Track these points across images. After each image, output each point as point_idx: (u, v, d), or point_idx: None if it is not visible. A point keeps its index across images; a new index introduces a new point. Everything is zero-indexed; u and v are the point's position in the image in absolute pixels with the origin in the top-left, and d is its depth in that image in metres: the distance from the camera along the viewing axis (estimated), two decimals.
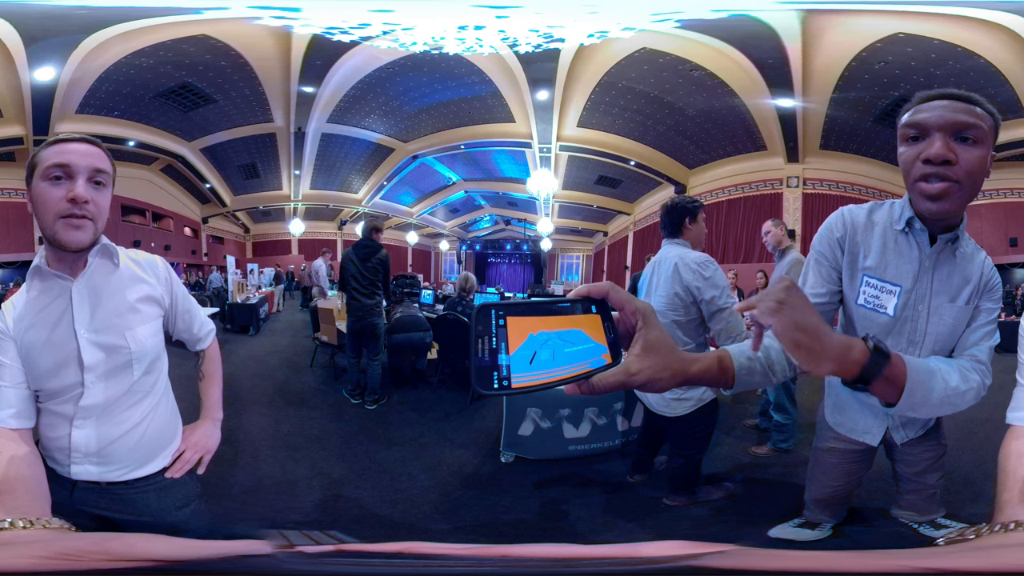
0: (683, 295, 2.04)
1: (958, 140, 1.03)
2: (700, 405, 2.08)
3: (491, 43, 2.80)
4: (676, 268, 2.06)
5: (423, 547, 0.64)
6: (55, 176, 1.06)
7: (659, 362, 0.64)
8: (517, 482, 2.56)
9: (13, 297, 1.16)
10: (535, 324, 0.53)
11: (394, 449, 2.88)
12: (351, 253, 3.05)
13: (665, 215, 2.22)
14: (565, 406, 2.65)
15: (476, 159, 3.67)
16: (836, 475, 1.41)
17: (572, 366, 0.55)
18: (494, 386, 0.50)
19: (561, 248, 3.97)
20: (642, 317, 0.64)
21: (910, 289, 1.17)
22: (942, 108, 1.04)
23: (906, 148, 1.09)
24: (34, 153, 1.11)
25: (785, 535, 1.51)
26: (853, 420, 1.35)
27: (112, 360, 1.12)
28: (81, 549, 0.66)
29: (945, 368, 1.02)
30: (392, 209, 3.86)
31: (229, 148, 3.33)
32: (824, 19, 2.77)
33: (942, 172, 1.03)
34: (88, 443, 1.13)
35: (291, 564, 0.63)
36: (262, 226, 3.71)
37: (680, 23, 2.71)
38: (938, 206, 1.05)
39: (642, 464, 2.47)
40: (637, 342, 0.64)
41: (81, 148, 1.09)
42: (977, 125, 1.03)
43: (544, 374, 0.53)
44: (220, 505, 2.24)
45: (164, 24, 2.67)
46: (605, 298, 0.61)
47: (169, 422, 1.27)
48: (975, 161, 1.03)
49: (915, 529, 1.39)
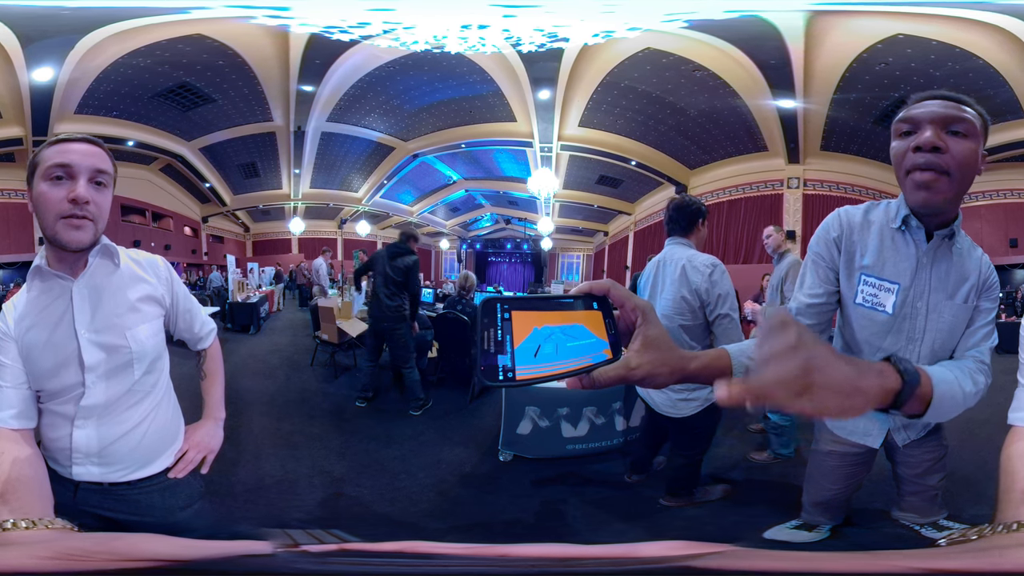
0: (690, 298, 2.01)
1: (948, 133, 1.04)
2: (707, 405, 2.05)
3: (494, 42, 2.79)
4: (684, 270, 2.02)
5: (424, 547, 0.64)
6: (56, 176, 1.06)
7: (658, 358, 0.65)
8: (515, 481, 2.57)
9: (14, 298, 1.16)
10: (539, 319, 0.55)
11: (394, 447, 2.88)
12: (384, 252, 3.06)
13: (675, 212, 2.14)
14: (563, 405, 2.65)
15: (477, 158, 3.66)
16: (835, 478, 1.40)
17: (575, 360, 0.56)
18: (499, 378, 0.51)
19: (561, 247, 3.97)
20: (642, 314, 0.65)
21: (908, 286, 1.17)
22: (933, 104, 1.06)
23: (898, 142, 1.10)
24: (35, 153, 1.11)
25: (781, 537, 1.50)
26: (853, 423, 1.34)
27: (113, 360, 1.12)
28: (85, 549, 0.66)
29: (958, 374, 1.02)
30: (392, 208, 3.86)
31: (228, 147, 3.32)
32: (829, 20, 2.77)
33: (932, 160, 1.03)
34: (89, 443, 1.13)
35: (293, 563, 0.63)
36: (262, 225, 3.70)
37: (689, 23, 2.70)
38: (929, 195, 1.05)
39: (641, 464, 2.47)
40: (637, 338, 0.65)
41: (82, 148, 1.08)
42: (967, 119, 1.04)
43: (548, 367, 0.54)
44: (223, 504, 2.26)
45: (158, 24, 2.66)
46: (606, 295, 0.63)
47: (171, 422, 1.26)
48: (965, 152, 1.03)
49: (916, 531, 1.38)
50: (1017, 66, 2.53)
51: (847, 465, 1.37)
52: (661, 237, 2.25)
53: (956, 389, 0.99)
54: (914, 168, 1.06)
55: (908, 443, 1.32)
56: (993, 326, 1.18)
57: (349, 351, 3.41)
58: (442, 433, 2.98)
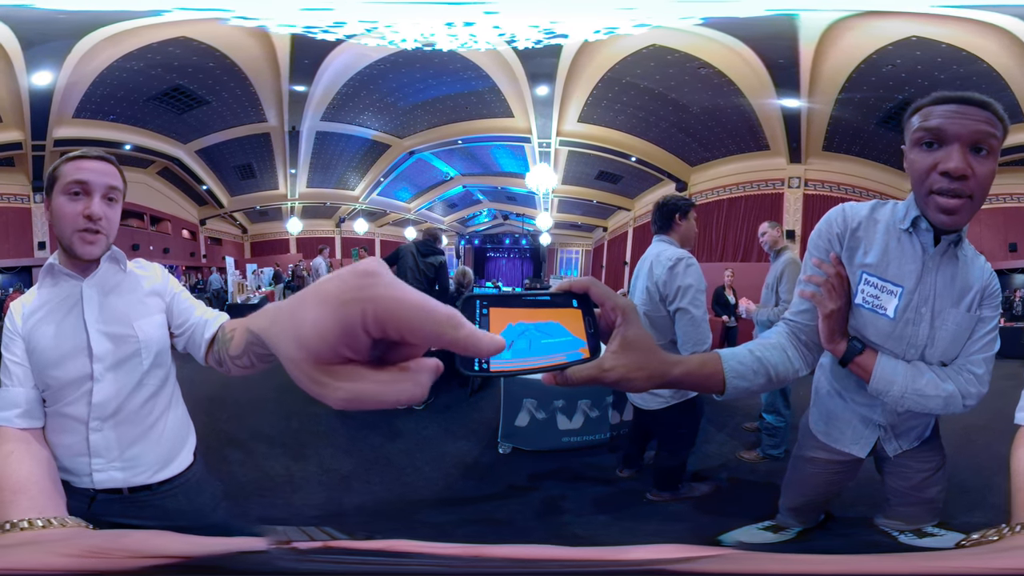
0: (652, 289, 2.06)
1: (973, 151, 1.00)
2: (673, 403, 2.09)
3: (488, 39, 2.71)
4: (651, 264, 2.09)
5: (409, 545, 0.64)
6: (74, 192, 1.13)
7: (635, 361, 0.66)
8: (513, 473, 2.64)
9: (23, 296, 1.21)
10: (515, 315, 0.58)
11: (398, 441, 2.96)
12: (412, 247, 3.08)
13: (655, 211, 2.22)
14: (559, 398, 2.71)
15: (474, 154, 3.61)
16: (814, 484, 1.33)
17: (548, 357, 0.59)
18: (475, 368, 0.54)
19: (560, 243, 3.95)
20: (622, 314, 0.65)
21: (912, 290, 1.12)
22: (961, 116, 1.00)
23: (919, 155, 1.05)
24: (55, 165, 1.17)
25: (743, 537, 1.46)
26: (840, 430, 1.26)
27: (120, 350, 1.15)
28: (101, 547, 0.67)
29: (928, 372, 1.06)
30: (390, 205, 3.83)
31: (224, 149, 3.28)
32: (852, 19, 2.66)
33: (958, 188, 1.00)
34: (109, 446, 1.15)
35: (282, 560, 0.64)
36: (260, 226, 3.69)
37: (704, 20, 2.61)
38: (952, 220, 1.03)
39: (631, 458, 2.52)
40: (615, 339, 0.65)
41: (98, 167, 1.15)
42: (994, 135, 1.00)
43: (520, 362, 0.57)
44: (237, 504, 2.33)
45: (144, 27, 2.60)
46: (586, 293, 0.63)
47: (183, 421, 1.28)
48: (988, 175, 1.00)
49: (894, 537, 1.30)
50: (1019, 70, 2.47)
51: (828, 472, 1.30)
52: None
53: (894, 377, 1.05)
54: (939, 192, 1.02)
55: (900, 453, 1.25)
56: (994, 335, 1.14)
57: None
58: (445, 427, 3.04)
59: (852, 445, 1.25)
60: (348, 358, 0.36)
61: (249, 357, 0.92)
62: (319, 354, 0.36)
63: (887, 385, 1.11)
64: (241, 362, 0.95)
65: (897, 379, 1.11)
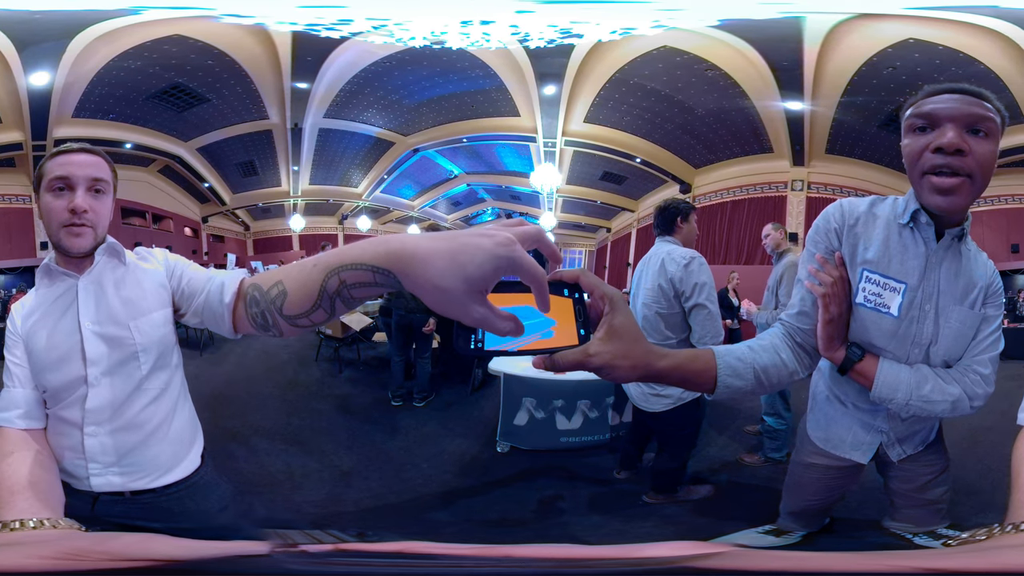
0: (666, 287, 2.11)
1: (970, 132, 0.98)
2: (678, 404, 2.11)
3: (500, 38, 2.69)
4: (663, 262, 2.13)
5: (422, 547, 0.64)
6: (58, 188, 1.12)
7: (620, 349, 0.66)
8: (510, 473, 2.65)
9: (24, 297, 1.19)
10: (509, 300, 0.60)
11: (398, 438, 2.96)
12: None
13: (657, 214, 2.28)
14: (559, 397, 2.71)
15: (479, 152, 3.59)
16: (814, 490, 1.30)
17: (528, 338, 0.62)
18: (470, 347, 0.60)
19: (563, 243, 3.95)
20: (609, 302, 0.67)
21: (916, 286, 1.08)
22: (954, 100, 0.99)
23: (912, 139, 1.02)
24: (40, 164, 1.16)
25: (744, 541, 1.42)
26: (839, 435, 1.22)
27: (116, 354, 1.12)
28: (83, 549, 0.66)
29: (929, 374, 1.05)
30: (393, 203, 3.81)
31: (226, 147, 3.26)
32: (853, 21, 2.67)
33: (954, 164, 0.97)
34: (105, 451, 1.12)
35: (289, 564, 0.63)
36: (262, 223, 3.66)
37: (721, 22, 2.62)
38: (949, 201, 0.99)
39: (629, 460, 2.54)
40: (602, 327, 0.66)
41: (80, 159, 1.13)
42: (990, 118, 0.98)
43: (512, 344, 0.61)
44: (241, 503, 2.33)
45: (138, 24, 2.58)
46: (576, 282, 0.66)
47: (189, 424, 1.25)
48: (987, 155, 0.98)
49: (909, 540, 1.26)
50: (1018, 72, 2.49)
51: (829, 478, 1.27)
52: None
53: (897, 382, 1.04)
54: (934, 170, 0.99)
55: (904, 458, 1.22)
56: (998, 334, 1.11)
57: (352, 345, 3.44)
58: (444, 424, 3.04)
59: (853, 451, 1.22)
60: (484, 290, 0.54)
61: (326, 309, 0.68)
62: (475, 286, 0.53)
63: (891, 392, 1.08)
64: (311, 318, 0.71)
65: (901, 386, 1.08)
